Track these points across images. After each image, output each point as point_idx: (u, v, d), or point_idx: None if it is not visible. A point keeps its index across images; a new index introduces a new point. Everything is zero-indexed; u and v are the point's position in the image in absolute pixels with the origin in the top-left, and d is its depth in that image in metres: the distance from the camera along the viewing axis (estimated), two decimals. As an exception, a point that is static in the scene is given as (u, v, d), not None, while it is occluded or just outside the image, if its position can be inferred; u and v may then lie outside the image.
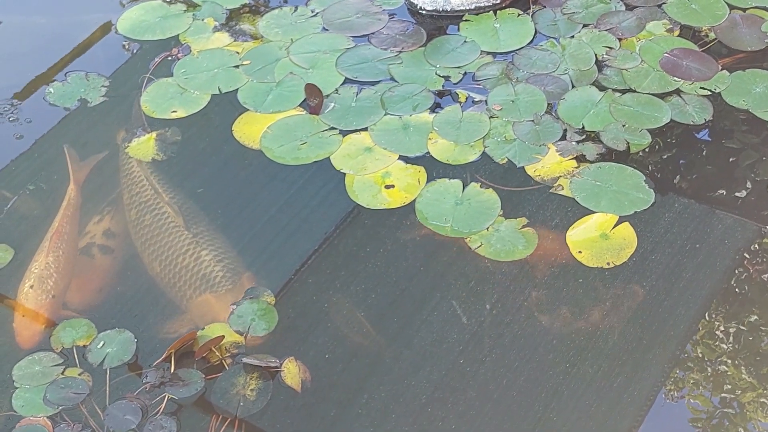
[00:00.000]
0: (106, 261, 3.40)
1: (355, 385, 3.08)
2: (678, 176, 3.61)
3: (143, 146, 3.74)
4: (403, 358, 3.13)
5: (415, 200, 3.51)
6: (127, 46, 4.17)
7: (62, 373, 3.05)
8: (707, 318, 3.21)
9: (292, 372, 3.06)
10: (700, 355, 3.15)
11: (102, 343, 3.13)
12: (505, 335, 3.17)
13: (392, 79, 3.91)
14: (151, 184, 3.49)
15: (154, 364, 3.08)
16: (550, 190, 3.52)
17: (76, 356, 3.10)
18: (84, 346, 3.13)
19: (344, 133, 3.73)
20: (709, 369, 3.11)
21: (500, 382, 3.06)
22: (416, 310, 3.25)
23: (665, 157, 3.65)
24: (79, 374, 3.06)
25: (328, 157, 3.66)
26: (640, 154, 3.63)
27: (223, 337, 3.12)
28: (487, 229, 3.41)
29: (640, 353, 3.11)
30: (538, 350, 3.12)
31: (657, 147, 3.66)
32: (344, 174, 3.61)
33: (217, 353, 3.10)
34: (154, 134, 3.78)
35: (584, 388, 3.03)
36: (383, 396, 3.04)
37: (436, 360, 3.12)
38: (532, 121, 3.73)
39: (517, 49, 4.00)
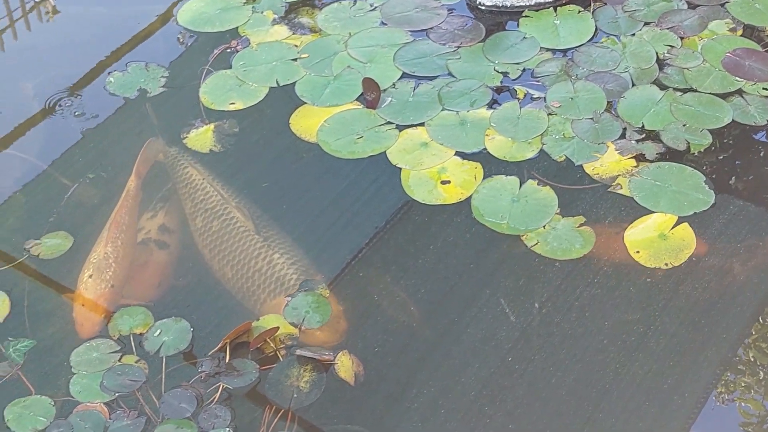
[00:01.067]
0: (163, 256, 3.41)
1: (404, 380, 3.07)
2: (735, 177, 3.57)
3: (201, 137, 3.76)
4: (452, 354, 3.13)
5: (471, 196, 3.50)
6: (185, 38, 4.19)
7: (119, 360, 3.08)
8: (761, 321, 3.17)
9: (345, 365, 3.06)
10: (752, 359, 3.11)
11: (159, 331, 3.15)
12: (555, 334, 3.15)
13: (450, 74, 3.90)
14: (216, 189, 3.48)
15: (210, 353, 3.09)
16: (609, 189, 3.49)
17: (132, 344, 3.13)
18: (141, 334, 3.15)
19: (401, 127, 3.73)
20: (761, 373, 3.08)
21: (549, 381, 3.04)
22: (466, 307, 3.24)
23: (724, 157, 3.61)
24: (136, 362, 3.08)
25: (384, 152, 3.66)
26: (696, 153, 3.60)
27: (278, 328, 3.13)
28: (544, 227, 3.40)
29: (692, 355, 3.08)
30: (588, 350, 3.10)
31: (716, 147, 3.62)
32: (400, 169, 3.60)
33: (271, 344, 3.11)
34: (212, 126, 3.80)
35: (634, 389, 3.00)
36: (432, 391, 3.03)
37: (485, 357, 3.11)
38: (592, 119, 3.70)
39: (577, 46, 3.98)
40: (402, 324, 3.20)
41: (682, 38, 3.97)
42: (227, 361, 3.07)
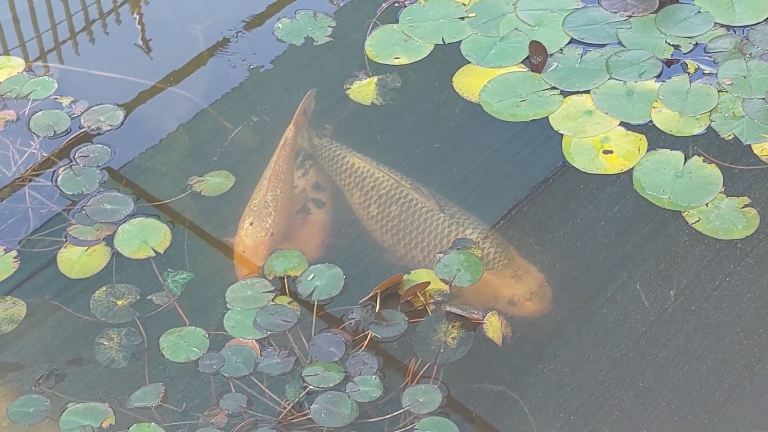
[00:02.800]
0: (322, 214, 3.42)
1: (533, 354, 3.05)
2: None
3: (364, 89, 3.77)
4: (583, 333, 3.09)
5: (633, 168, 3.44)
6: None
7: (272, 300, 3.11)
8: None
9: (494, 325, 3.04)
10: None
11: (312, 275, 3.18)
12: (690, 322, 3.09)
13: (620, 43, 3.83)
14: (386, 174, 3.42)
15: (360, 302, 3.10)
16: None
17: (286, 285, 3.16)
18: (294, 276, 3.18)
19: (565, 93, 3.69)
20: None
21: (681, 368, 2.99)
22: (601, 287, 3.19)
23: None
24: (288, 303, 3.11)
25: (547, 117, 3.62)
26: None
27: (429, 283, 3.13)
28: (707, 204, 3.33)
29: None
30: (723, 341, 3.04)
31: None
32: (561, 135, 3.56)
33: (421, 298, 3.11)
34: (375, 79, 3.81)
35: None
36: (560, 367, 3.01)
37: (616, 338, 3.07)
38: (764, 99, 3.60)
39: (753, 24, 3.86)
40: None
41: None
42: (377, 310, 3.08)
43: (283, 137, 3.56)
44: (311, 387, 2.91)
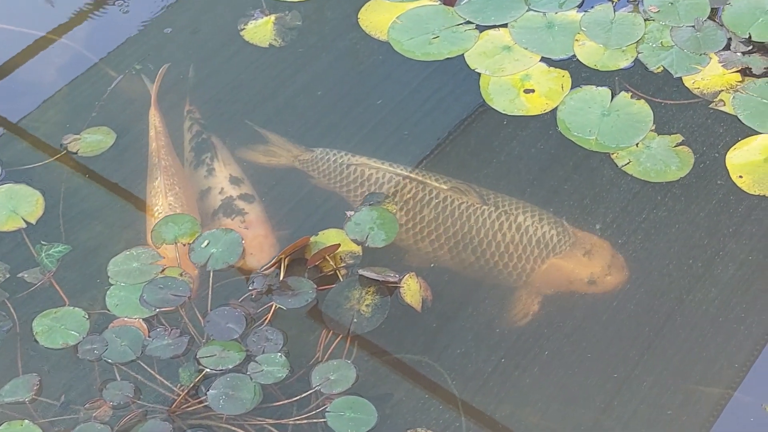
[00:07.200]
0: (257, 209, 3.12)
1: (460, 298, 2.95)
2: None
3: (260, 30, 3.61)
4: (510, 274, 3.02)
5: (556, 108, 3.32)
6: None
7: (161, 272, 2.89)
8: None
9: (412, 289, 2.87)
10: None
11: (206, 242, 2.95)
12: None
13: (538, -30, 3.72)
14: (408, 175, 3.15)
15: (263, 269, 2.91)
16: (710, 106, 3.34)
17: (177, 254, 2.94)
18: (186, 244, 2.95)
19: (481, 28, 3.58)
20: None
21: (610, 304, 2.93)
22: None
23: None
24: (180, 275, 2.89)
25: (462, 55, 3.50)
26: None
27: (339, 245, 2.94)
28: (637, 145, 3.23)
29: (762, 285, 2.93)
30: (652, 274, 2.98)
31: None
32: (479, 74, 3.43)
33: (331, 262, 2.93)
34: (272, 17, 3.65)
35: (699, 317, 2.90)
36: (489, 309, 2.93)
37: (544, 278, 3.02)
38: (693, 26, 3.50)
39: (679, -55, 3.76)
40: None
41: (798, -60, 3.71)
42: (281, 278, 2.89)
43: (150, 125, 3.31)
44: (208, 370, 2.73)
